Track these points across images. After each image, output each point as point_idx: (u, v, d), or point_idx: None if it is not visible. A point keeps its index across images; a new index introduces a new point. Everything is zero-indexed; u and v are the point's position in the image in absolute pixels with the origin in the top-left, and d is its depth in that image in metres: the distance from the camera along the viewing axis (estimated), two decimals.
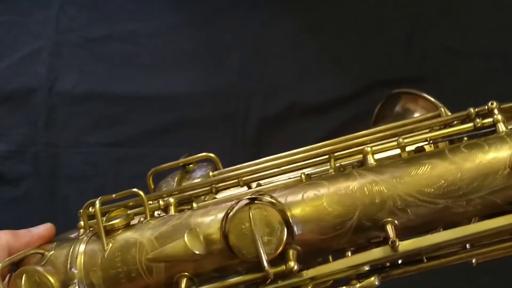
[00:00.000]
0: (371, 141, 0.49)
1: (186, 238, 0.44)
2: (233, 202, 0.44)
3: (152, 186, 0.58)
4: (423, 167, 0.43)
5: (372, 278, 0.43)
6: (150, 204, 0.51)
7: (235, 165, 0.53)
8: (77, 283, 0.45)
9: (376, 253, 0.42)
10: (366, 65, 0.99)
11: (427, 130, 0.49)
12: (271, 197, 0.43)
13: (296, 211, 0.44)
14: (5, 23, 1.10)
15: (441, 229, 0.43)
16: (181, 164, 0.57)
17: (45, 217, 0.57)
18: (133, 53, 1.06)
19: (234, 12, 1.06)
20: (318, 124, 0.98)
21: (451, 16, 0.99)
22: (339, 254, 0.44)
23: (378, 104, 0.70)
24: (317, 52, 1.02)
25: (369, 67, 0.99)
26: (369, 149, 0.47)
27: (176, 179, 0.57)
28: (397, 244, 0.41)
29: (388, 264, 0.46)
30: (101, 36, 1.08)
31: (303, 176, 0.48)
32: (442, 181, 0.42)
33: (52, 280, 0.45)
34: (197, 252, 0.44)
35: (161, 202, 0.51)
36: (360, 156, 0.48)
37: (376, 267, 0.45)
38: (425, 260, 0.45)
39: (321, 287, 0.45)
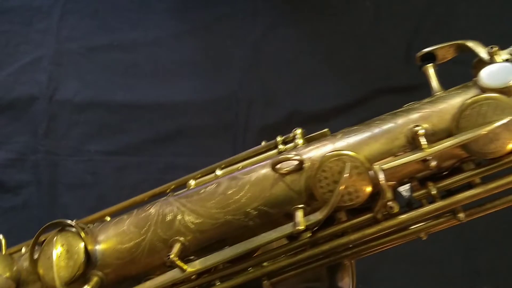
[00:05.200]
0: (202, 174, 0.52)
1: None
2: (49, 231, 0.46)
3: None
4: (211, 186, 0.45)
5: None
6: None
7: None
8: None
9: (167, 276, 0.43)
10: (366, 73, 0.99)
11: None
12: (83, 225, 0.45)
13: (102, 237, 0.45)
14: (6, 32, 1.10)
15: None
16: None
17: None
18: (134, 62, 1.07)
19: (235, 21, 1.06)
20: None
21: (451, 24, 0.99)
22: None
23: (378, 112, 0.70)
24: (317, 60, 1.02)
25: (369, 75, 0.99)
26: (192, 182, 0.51)
27: None
28: (170, 258, 0.41)
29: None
30: (102, 45, 1.09)
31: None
32: (222, 196, 0.43)
33: None
34: (4, 276, 0.47)
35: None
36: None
37: None
38: (218, 283, 0.44)
39: None
